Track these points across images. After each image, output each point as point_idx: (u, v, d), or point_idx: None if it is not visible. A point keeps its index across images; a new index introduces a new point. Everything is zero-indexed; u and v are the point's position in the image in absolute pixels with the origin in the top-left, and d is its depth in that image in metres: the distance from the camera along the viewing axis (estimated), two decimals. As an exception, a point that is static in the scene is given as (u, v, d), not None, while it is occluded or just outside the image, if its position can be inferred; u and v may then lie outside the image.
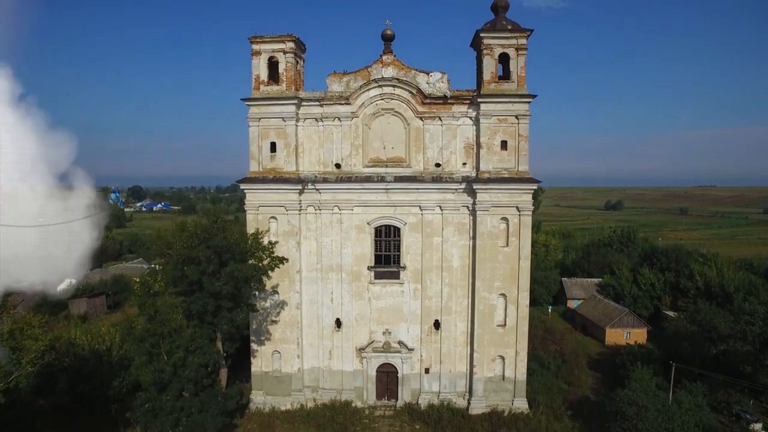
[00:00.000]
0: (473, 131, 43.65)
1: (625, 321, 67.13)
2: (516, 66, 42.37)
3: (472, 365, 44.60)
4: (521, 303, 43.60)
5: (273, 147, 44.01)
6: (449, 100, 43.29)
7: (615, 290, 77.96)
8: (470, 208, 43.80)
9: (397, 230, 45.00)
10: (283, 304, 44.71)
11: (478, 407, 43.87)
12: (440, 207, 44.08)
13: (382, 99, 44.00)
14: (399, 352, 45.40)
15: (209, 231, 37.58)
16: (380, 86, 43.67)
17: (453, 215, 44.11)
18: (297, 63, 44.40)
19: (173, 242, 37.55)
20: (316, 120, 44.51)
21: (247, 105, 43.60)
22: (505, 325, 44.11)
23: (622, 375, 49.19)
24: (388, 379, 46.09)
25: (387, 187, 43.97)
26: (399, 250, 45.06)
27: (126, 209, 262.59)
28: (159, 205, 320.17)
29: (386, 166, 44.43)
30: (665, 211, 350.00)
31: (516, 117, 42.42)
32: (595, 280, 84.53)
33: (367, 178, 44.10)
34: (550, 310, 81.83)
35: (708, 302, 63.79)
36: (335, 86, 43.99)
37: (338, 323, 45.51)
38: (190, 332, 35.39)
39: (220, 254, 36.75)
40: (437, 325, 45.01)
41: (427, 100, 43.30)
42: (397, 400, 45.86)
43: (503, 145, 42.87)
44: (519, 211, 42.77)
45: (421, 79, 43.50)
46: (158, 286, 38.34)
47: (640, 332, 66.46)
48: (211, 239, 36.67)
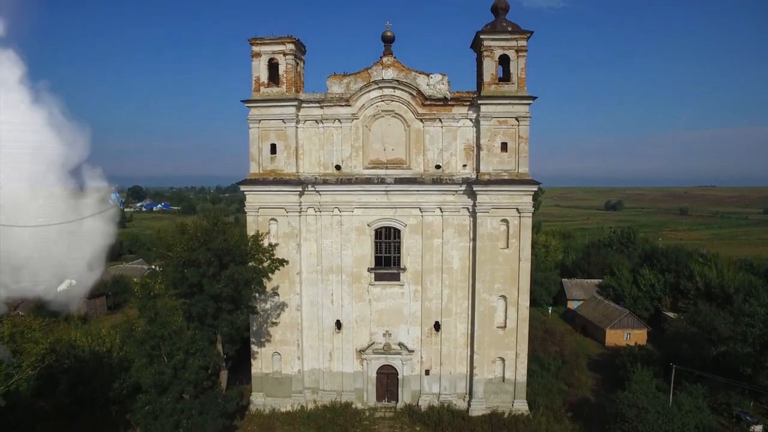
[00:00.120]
0: (473, 133, 43.66)
1: (625, 322, 67.13)
2: (516, 68, 42.37)
3: (472, 367, 44.62)
4: (521, 305, 43.62)
5: (273, 149, 44.01)
6: (449, 102, 43.27)
7: (615, 291, 77.92)
8: (470, 210, 43.80)
9: (397, 232, 45.00)
10: (283, 305, 44.72)
11: (478, 409, 43.89)
12: (440, 209, 44.08)
13: (383, 101, 44.01)
14: (399, 353, 45.41)
15: (209, 233, 37.58)
16: (380, 88, 43.67)
17: (453, 217, 44.11)
18: (297, 65, 44.40)
19: (173, 244, 37.58)
20: (316, 122, 44.52)
21: (248, 107, 43.60)
22: (505, 326, 44.13)
23: (622, 376, 49.21)
24: (388, 380, 46.10)
25: (387, 188, 43.96)
26: (399, 252, 45.06)
27: (126, 209, 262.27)
28: (159, 206, 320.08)
29: (386, 168, 44.43)
30: (665, 211, 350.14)
31: (516, 119, 42.43)
32: (595, 281, 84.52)
33: (368, 180, 44.10)
34: (550, 311, 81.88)
35: (708, 303, 63.80)
36: (335, 88, 43.98)
37: (338, 325, 45.51)
38: (191, 334, 35.41)
39: (220, 257, 36.78)
40: (437, 326, 45.01)
41: (428, 102, 43.30)
42: (397, 401, 45.88)
43: (503, 146, 42.88)
44: (519, 212, 42.79)
45: (422, 81, 43.50)
46: (158, 288, 38.35)
47: (641, 333, 66.46)
48: (212, 242, 36.68)
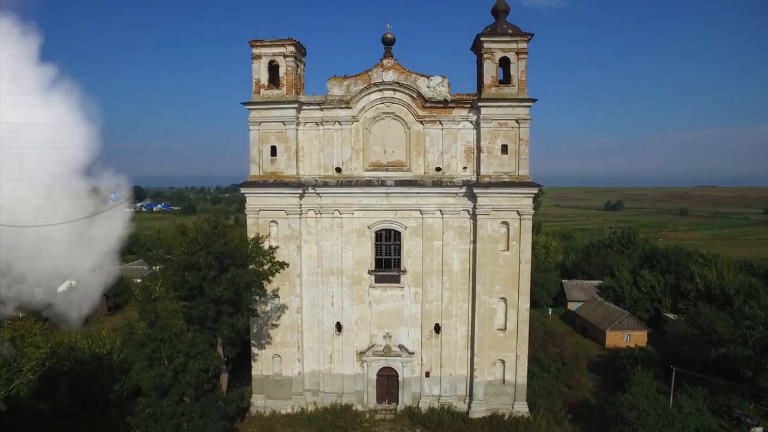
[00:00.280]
0: (474, 135, 43.64)
1: (625, 323, 67.14)
2: (516, 70, 42.35)
3: (472, 369, 44.62)
4: (521, 307, 43.61)
5: (273, 151, 43.99)
6: (450, 104, 43.25)
7: (615, 292, 77.89)
8: (471, 212, 43.79)
9: (397, 234, 44.99)
10: (283, 308, 44.72)
11: (478, 411, 43.89)
12: (441, 211, 44.07)
13: (383, 103, 43.99)
14: (399, 355, 45.40)
15: (210, 237, 37.56)
16: (381, 90, 43.65)
17: (453, 219, 44.10)
18: (297, 66, 44.38)
19: (174, 246, 37.57)
20: (316, 124, 44.50)
21: (248, 109, 43.57)
22: (505, 329, 44.12)
23: (622, 378, 49.27)
24: (388, 382, 46.11)
25: (387, 191, 43.94)
26: (399, 254, 45.05)
27: (126, 209, 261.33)
28: (159, 206, 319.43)
29: (387, 170, 44.41)
30: (665, 211, 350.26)
31: (516, 121, 42.42)
32: (596, 282, 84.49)
33: (368, 182, 44.09)
34: (550, 312, 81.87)
35: (708, 305, 63.85)
36: (336, 90, 43.96)
37: (339, 327, 45.50)
38: (191, 337, 35.32)
39: (220, 260, 36.76)
40: (438, 328, 45.01)
41: (428, 104, 43.29)
42: (397, 403, 45.88)
43: (504, 149, 42.86)
44: (519, 215, 42.78)
45: (422, 83, 43.48)
46: (159, 291, 38.31)
47: (641, 335, 66.45)
48: (212, 245, 36.66)
